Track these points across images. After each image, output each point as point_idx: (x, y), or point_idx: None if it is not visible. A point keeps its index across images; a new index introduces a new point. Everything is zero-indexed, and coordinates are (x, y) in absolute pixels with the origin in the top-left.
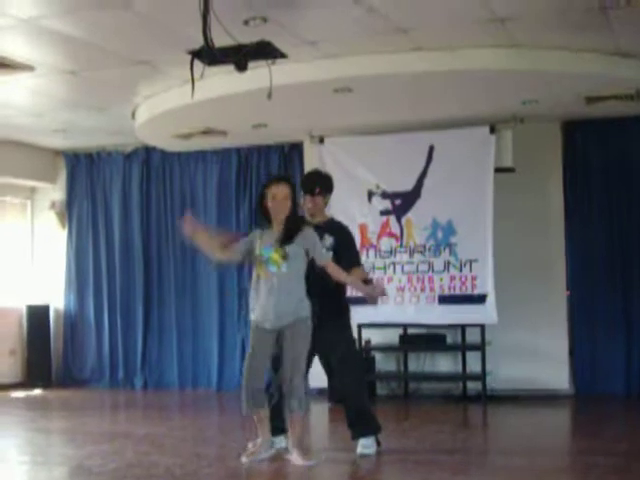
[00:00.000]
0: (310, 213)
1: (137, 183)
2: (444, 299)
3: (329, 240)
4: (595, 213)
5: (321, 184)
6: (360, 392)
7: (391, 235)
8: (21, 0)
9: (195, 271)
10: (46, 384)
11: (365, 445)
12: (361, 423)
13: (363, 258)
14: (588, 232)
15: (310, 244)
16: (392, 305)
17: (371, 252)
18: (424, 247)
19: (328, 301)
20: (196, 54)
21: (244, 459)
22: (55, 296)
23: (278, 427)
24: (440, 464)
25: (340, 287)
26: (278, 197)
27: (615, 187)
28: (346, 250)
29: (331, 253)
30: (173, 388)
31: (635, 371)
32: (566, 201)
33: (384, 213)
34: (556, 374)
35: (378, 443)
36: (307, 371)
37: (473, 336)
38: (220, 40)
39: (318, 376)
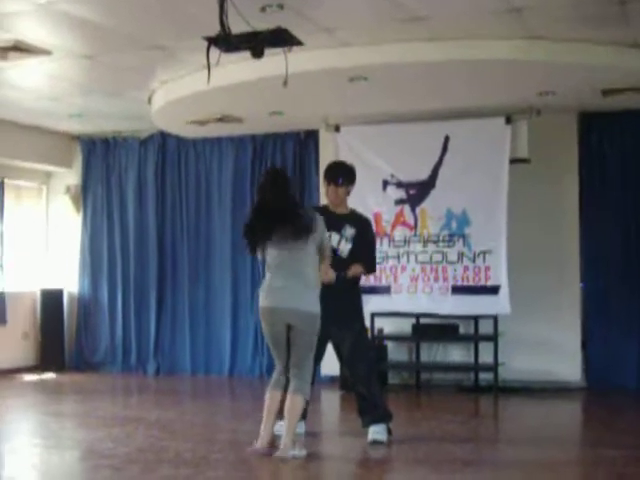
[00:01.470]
0: (333, 203)
1: (152, 169)
2: (457, 289)
3: (350, 231)
4: (610, 205)
5: (344, 175)
6: (371, 380)
7: (405, 225)
8: None
9: (209, 257)
10: (59, 368)
11: (376, 431)
12: (372, 411)
13: (377, 246)
14: (603, 224)
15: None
16: (405, 294)
17: (385, 241)
18: (438, 237)
19: (341, 290)
20: (212, 40)
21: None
22: (69, 280)
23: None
24: (451, 454)
25: (353, 276)
26: None
27: (631, 180)
28: (365, 246)
29: (349, 245)
30: (185, 374)
31: None
32: (581, 193)
33: (398, 202)
34: (568, 366)
35: (389, 432)
36: (319, 359)
37: (486, 327)
38: (237, 27)
39: (330, 364)
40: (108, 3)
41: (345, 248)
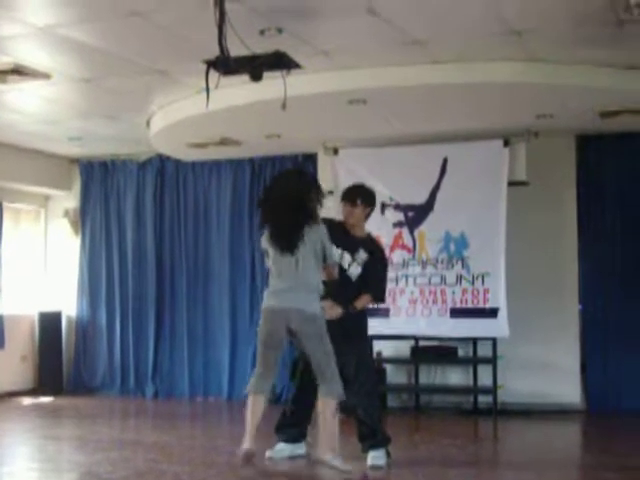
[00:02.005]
0: (349, 224)
1: (151, 192)
2: (456, 312)
3: (363, 255)
4: (608, 227)
5: (362, 195)
6: (372, 406)
7: (404, 247)
8: (38, 8)
9: (207, 279)
10: (57, 391)
11: (375, 456)
12: (371, 436)
13: None
14: (601, 246)
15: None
16: (404, 317)
17: None
18: (436, 260)
19: (347, 312)
20: (211, 64)
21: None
22: (67, 303)
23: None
24: (450, 478)
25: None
26: None
27: (629, 202)
28: (375, 274)
29: (359, 269)
30: (183, 397)
31: None
32: (579, 215)
33: (397, 225)
34: (568, 389)
35: (389, 454)
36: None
37: (485, 349)
38: (235, 50)
39: None
40: (107, 27)
41: (355, 271)
